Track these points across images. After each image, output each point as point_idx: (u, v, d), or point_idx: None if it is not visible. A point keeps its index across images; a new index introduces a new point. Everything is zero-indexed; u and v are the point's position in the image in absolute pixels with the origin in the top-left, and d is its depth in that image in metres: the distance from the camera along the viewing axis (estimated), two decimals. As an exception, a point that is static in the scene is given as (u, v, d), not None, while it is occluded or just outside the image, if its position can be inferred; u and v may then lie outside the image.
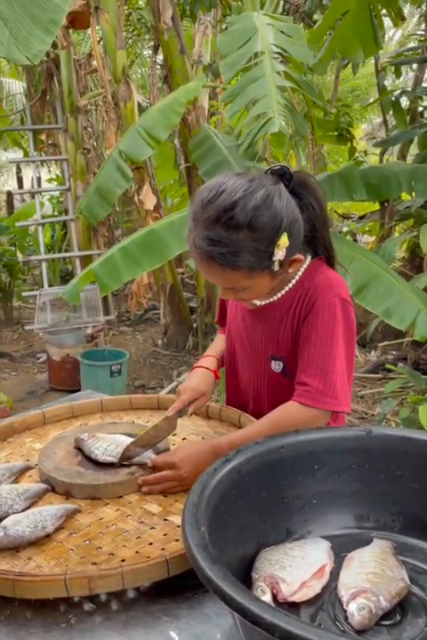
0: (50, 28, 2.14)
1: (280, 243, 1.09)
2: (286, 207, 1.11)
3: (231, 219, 1.06)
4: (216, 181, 1.12)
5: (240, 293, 1.19)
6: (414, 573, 0.89)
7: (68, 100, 5.02)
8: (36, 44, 2.10)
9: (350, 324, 1.20)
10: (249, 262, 1.09)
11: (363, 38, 2.70)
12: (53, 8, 2.15)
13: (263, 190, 1.09)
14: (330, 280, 1.21)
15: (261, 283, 1.16)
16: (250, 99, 2.69)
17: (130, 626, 0.83)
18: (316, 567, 0.88)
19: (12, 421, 1.39)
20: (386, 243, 3.42)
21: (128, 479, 1.14)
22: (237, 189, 1.08)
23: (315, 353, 1.18)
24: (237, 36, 3.04)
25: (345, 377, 1.19)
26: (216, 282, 1.19)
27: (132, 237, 3.03)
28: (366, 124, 11.90)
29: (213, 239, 1.07)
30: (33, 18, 2.10)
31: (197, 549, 0.72)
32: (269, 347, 1.29)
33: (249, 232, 1.07)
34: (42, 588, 0.85)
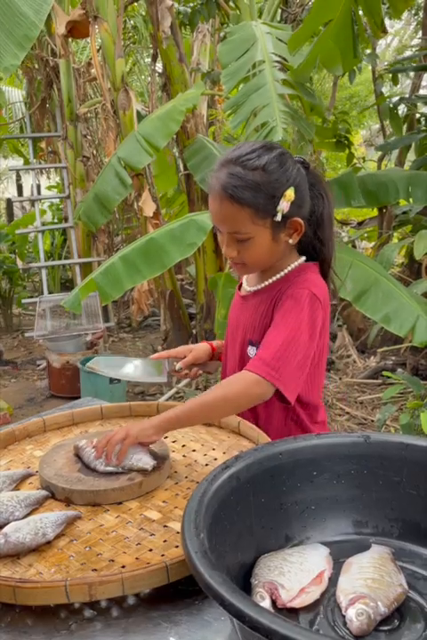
0: (23, 44, 2.21)
1: (287, 193, 1.20)
2: (298, 172, 1.25)
3: (249, 159, 1.21)
4: (239, 143, 1.30)
5: (243, 248, 1.25)
6: (412, 579, 0.90)
7: (68, 108, 5.05)
8: (9, 58, 2.16)
9: (313, 319, 1.23)
10: (256, 201, 1.19)
11: (343, 51, 2.72)
12: (28, 25, 2.21)
13: (280, 150, 1.25)
14: (307, 278, 1.27)
15: (262, 238, 1.23)
16: (253, 108, 2.72)
17: (130, 632, 0.84)
18: (314, 573, 0.88)
19: (12, 429, 1.40)
20: (384, 249, 3.44)
21: (128, 485, 1.14)
22: (257, 144, 1.25)
23: (273, 332, 1.23)
24: (237, 45, 3.07)
25: (297, 364, 1.21)
26: (225, 225, 1.25)
27: (132, 246, 3.05)
28: (365, 130, 11.96)
29: (231, 173, 1.20)
30: (7, 33, 2.16)
31: (197, 556, 0.73)
32: (249, 332, 1.35)
33: (263, 173, 1.20)
34: (43, 595, 0.85)
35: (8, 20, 2.16)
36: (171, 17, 4.23)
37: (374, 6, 2.75)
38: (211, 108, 6.02)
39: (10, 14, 2.17)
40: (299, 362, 1.21)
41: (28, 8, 2.21)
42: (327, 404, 3.94)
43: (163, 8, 4.19)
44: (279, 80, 2.79)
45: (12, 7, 2.18)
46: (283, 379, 1.19)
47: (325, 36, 2.80)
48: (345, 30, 2.79)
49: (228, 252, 1.27)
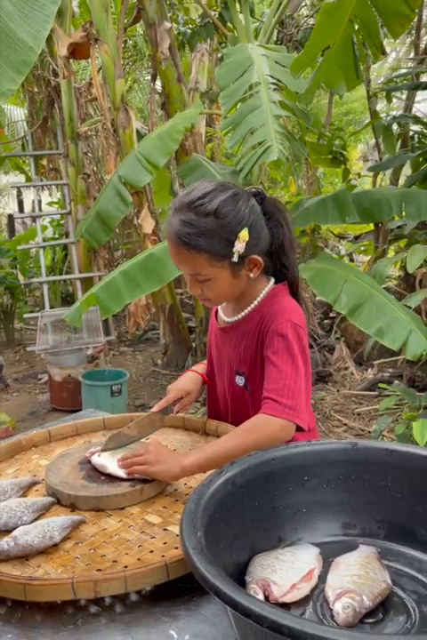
0: (21, 69, 2.28)
1: (241, 235, 1.24)
2: (251, 211, 1.27)
3: (201, 205, 1.23)
4: (192, 184, 1.31)
5: (205, 287, 1.30)
6: (396, 576, 0.96)
7: (69, 126, 5.15)
8: (6, 83, 2.24)
9: (302, 345, 1.30)
10: (211, 246, 1.23)
11: (346, 72, 2.82)
12: (26, 50, 2.28)
13: (233, 191, 1.27)
14: (283, 307, 1.32)
15: (222, 277, 1.28)
16: (249, 128, 2.81)
17: (133, 626, 0.90)
18: (305, 571, 0.95)
19: (19, 439, 1.47)
20: (378, 264, 3.52)
21: (130, 491, 1.21)
22: (208, 186, 1.27)
23: (274, 372, 1.28)
24: (234, 67, 3.17)
25: (304, 393, 1.27)
26: (184, 267, 1.30)
27: (132, 261, 3.13)
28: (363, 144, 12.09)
29: (184, 220, 1.24)
30: (5, 59, 2.23)
31: (194, 552, 0.79)
32: (234, 362, 1.41)
33: (215, 219, 1.23)
34: (51, 592, 0.91)
35: (6, 46, 2.24)
36: (169, 39, 4.34)
37: (372, 30, 2.85)
38: (209, 125, 6.13)
39: (8, 41, 2.25)
40: (304, 391, 1.29)
41: (26, 34, 2.29)
42: (325, 415, 4.00)
43: (162, 30, 4.30)
44: (275, 101, 2.88)
45: (10, 34, 2.26)
46: (299, 414, 1.25)
47: (327, 59, 2.90)
48: (346, 53, 2.89)
49: (191, 291, 1.34)
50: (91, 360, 4.63)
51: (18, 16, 2.31)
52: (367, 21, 2.82)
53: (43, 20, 2.38)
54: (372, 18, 2.79)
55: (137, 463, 1.22)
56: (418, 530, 1.03)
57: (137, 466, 1.22)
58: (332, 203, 3.30)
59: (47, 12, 2.40)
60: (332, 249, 7.03)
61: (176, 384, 1.52)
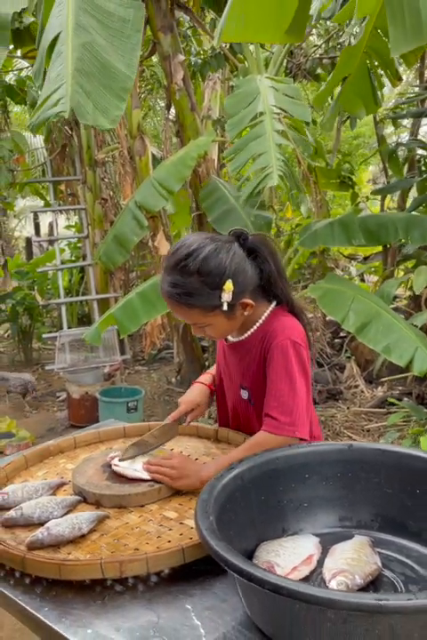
0: (122, 95, 2.47)
1: (225, 287, 1.33)
2: (232, 259, 1.35)
3: (185, 266, 1.33)
4: (181, 239, 1.41)
5: (206, 330, 1.42)
6: (387, 561, 1.08)
7: (87, 154, 5.37)
8: (113, 110, 2.42)
9: (302, 362, 1.40)
10: (201, 302, 1.35)
11: (364, 98, 2.98)
12: (123, 78, 2.49)
13: (213, 245, 1.35)
14: (283, 325, 1.43)
15: (219, 321, 1.39)
16: (251, 155, 2.97)
17: (153, 602, 1.03)
18: (305, 555, 1.07)
19: (47, 445, 1.61)
20: (384, 284, 3.64)
21: (149, 490, 1.34)
22: (192, 244, 1.35)
23: (274, 389, 1.39)
24: (242, 98, 3.35)
25: (303, 407, 1.38)
26: (182, 319, 1.44)
27: (148, 283, 3.28)
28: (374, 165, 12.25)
29: (172, 282, 1.35)
30: (108, 88, 2.43)
31: (207, 532, 0.93)
32: (239, 377, 1.53)
33: (199, 277, 1.33)
34: (82, 571, 1.05)
35: (107, 77, 2.45)
36: (183, 70, 4.54)
37: (387, 59, 3.03)
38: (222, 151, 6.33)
39: (107, 72, 2.46)
40: (304, 405, 1.40)
41: (121, 64, 2.50)
42: (335, 431, 4.09)
43: (175, 63, 4.50)
44: (278, 130, 3.04)
45: (108, 65, 2.48)
46: (299, 427, 1.37)
47: (346, 88, 3.09)
48: (363, 81, 3.08)
49: (195, 334, 1.47)
50: (107, 378, 4.78)
51: (111, 49, 2.52)
52: (382, 52, 3.00)
53: (131, 48, 2.58)
54: (385, 48, 2.97)
55: (162, 473, 1.35)
56: (408, 522, 1.15)
57: (162, 476, 1.35)
58: (339, 226, 3.43)
59: (133, 40, 2.60)
60: (342, 269, 7.16)
61: (186, 397, 1.63)
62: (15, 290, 6.59)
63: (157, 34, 4.48)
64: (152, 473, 1.36)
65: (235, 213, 3.76)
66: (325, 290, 3.44)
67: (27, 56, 5.75)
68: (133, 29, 2.68)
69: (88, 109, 2.40)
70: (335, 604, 0.75)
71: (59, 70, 2.51)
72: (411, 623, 0.78)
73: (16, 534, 1.22)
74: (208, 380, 1.69)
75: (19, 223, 12.47)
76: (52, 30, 2.71)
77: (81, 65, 2.48)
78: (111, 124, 2.47)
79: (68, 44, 2.54)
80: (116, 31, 2.67)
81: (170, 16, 4.46)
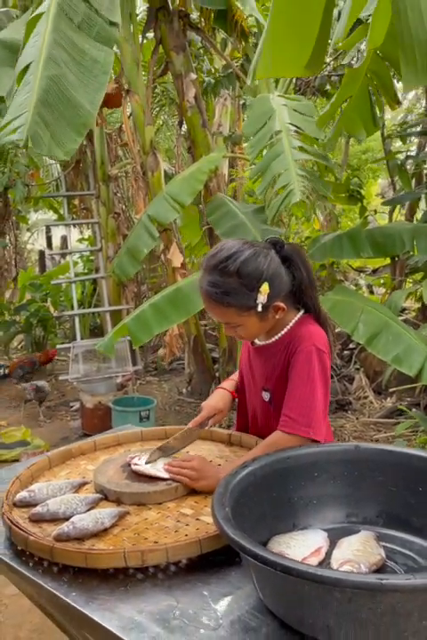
0: (81, 131, 2.62)
1: (262, 289, 1.41)
2: (269, 264, 1.44)
3: (225, 267, 1.42)
4: (221, 243, 1.50)
5: (238, 330, 1.50)
6: (391, 554, 1.16)
7: (101, 169, 5.51)
8: (69, 143, 2.57)
9: (324, 369, 1.48)
10: (237, 302, 1.43)
11: (364, 119, 3.09)
12: (86, 114, 2.63)
13: (252, 249, 1.44)
14: (310, 332, 1.51)
15: (251, 322, 1.47)
16: (274, 174, 3.09)
17: (173, 589, 1.11)
18: (314, 547, 1.15)
19: (69, 447, 1.70)
20: (392, 295, 3.71)
21: (167, 489, 1.42)
22: (232, 247, 1.45)
23: (294, 390, 1.47)
24: (258, 118, 3.47)
25: (320, 411, 1.45)
26: (216, 318, 1.53)
27: (160, 294, 3.38)
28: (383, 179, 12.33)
29: (211, 282, 1.43)
30: (69, 122, 2.58)
31: (223, 521, 1.01)
32: (262, 380, 1.60)
33: (238, 278, 1.41)
34: (107, 560, 1.13)
35: (69, 111, 2.59)
36: (195, 88, 4.67)
37: (386, 83, 3.14)
38: (232, 166, 6.45)
39: (69, 106, 2.60)
40: (321, 409, 1.47)
41: (85, 100, 2.63)
42: (344, 441, 4.14)
43: (187, 81, 4.64)
44: (295, 147, 3.15)
45: (72, 100, 2.61)
46: (315, 430, 1.44)
47: (347, 109, 3.20)
48: (364, 103, 3.19)
49: (227, 333, 1.56)
50: (120, 388, 4.87)
51: (78, 85, 2.67)
52: (382, 75, 3.11)
53: (97, 87, 2.73)
54: (385, 72, 3.08)
55: (182, 475, 1.43)
56: (411, 518, 1.22)
57: (182, 477, 1.43)
58: (347, 239, 3.52)
59: (101, 80, 2.76)
60: (351, 281, 7.22)
61: (209, 402, 1.71)
62: (29, 302, 6.73)
63: (169, 53, 4.62)
64: (173, 474, 1.44)
65: (244, 228, 3.86)
66: (334, 301, 3.52)
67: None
68: (102, 71, 2.82)
69: (45, 140, 2.53)
70: (341, 582, 0.83)
71: (23, 99, 2.65)
72: (410, 602, 0.85)
73: (43, 528, 1.30)
74: (231, 386, 1.76)
75: (31, 236, 12.66)
76: (25, 58, 2.84)
77: (45, 96, 2.61)
78: (65, 155, 2.60)
79: (36, 75, 2.68)
80: (86, 69, 2.81)
81: (182, 36, 4.61)
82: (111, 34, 2.94)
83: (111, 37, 2.94)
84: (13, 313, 6.77)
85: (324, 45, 1.70)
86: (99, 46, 2.85)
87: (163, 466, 1.47)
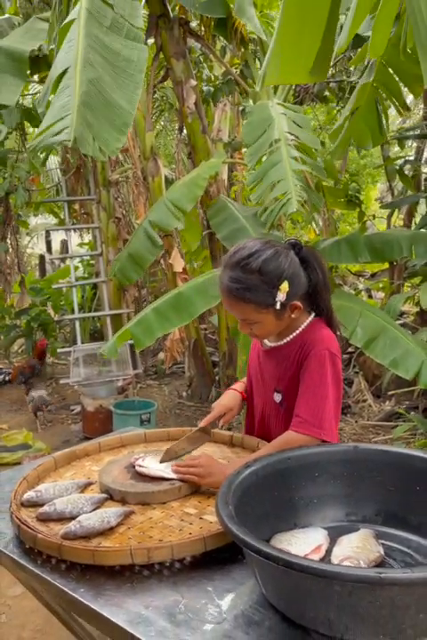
0: (123, 130, 2.68)
1: (281, 287, 1.46)
2: (290, 264, 1.49)
3: (247, 264, 1.46)
4: (243, 241, 1.55)
5: (253, 328, 1.53)
6: (390, 551, 1.19)
7: (102, 174, 5.55)
8: (114, 142, 2.62)
9: (336, 372, 1.52)
10: (257, 298, 1.47)
11: (372, 129, 3.16)
12: (125, 114, 2.70)
13: (273, 249, 1.49)
14: (323, 336, 1.54)
15: (268, 320, 1.51)
16: (271, 182, 3.13)
17: (178, 585, 1.14)
18: (315, 545, 1.18)
19: (74, 449, 1.73)
20: (391, 300, 3.75)
21: (170, 488, 1.46)
22: (254, 246, 1.49)
23: (306, 392, 1.50)
24: (257, 125, 3.52)
25: (332, 413, 1.49)
26: (235, 314, 1.55)
27: (162, 299, 3.41)
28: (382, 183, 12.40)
29: (233, 277, 1.47)
30: (110, 122, 2.63)
31: (227, 518, 1.04)
32: (274, 381, 1.63)
33: (259, 275, 1.45)
34: (114, 557, 1.16)
35: (109, 112, 2.66)
36: (195, 95, 4.72)
37: (395, 91, 3.20)
38: (231, 171, 6.50)
39: (110, 107, 2.67)
40: (332, 411, 1.50)
41: (124, 100, 2.71)
42: (343, 444, 4.18)
43: (188, 87, 4.68)
44: (293, 157, 3.19)
45: (112, 102, 2.69)
46: (325, 431, 1.47)
47: (355, 119, 3.26)
48: (371, 112, 3.26)
49: (242, 330, 1.59)
50: (121, 391, 4.90)
51: (115, 86, 2.74)
52: (389, 85, 3.18)
53: (134, 86, 2.80)
54: (393, 82, 3.15)
55: (190, 473, 1.46)
56: (409, 516, 1.25)
57: (190, 475, 1.46)
58: (345, 244, 3.56)
59: (136, 79, 2.83)
60: (350, 286, 7.27)
61: (220, 401, 1.75)
62: (30, 306, 6.76)
63: (170, 60, 4.67)
64: (181, 474, 1.47)
65: (245, 232, 3.90)
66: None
67: (44, 81, 5.98)
68: (137, 70, 2.89)
69: (89, 141, 2.58)
70: (341, 576, 0.87)
71: (65, 101, 2.69)
72: (408, 596, 0.88)
73: (50, 527, 1.34)
74: (241, 387, 1.80)
75: (31, 240, 12.70)
76: (60, 64, 2.90)
77: (87, 99, 2.67)
78: (111, 154, 2.67)
79: (75, 78, 2.73)
80: (121, 70, 2.88)
81: (182, 43, 4.65)
82: (138, 34, 3.02)
83: (140, 37, 3.02)
84: (14, 317, 6.80)
85: (328, 54, 1.75)
86: (130, 45, 2.93)
87: (171, 467, 1.50)
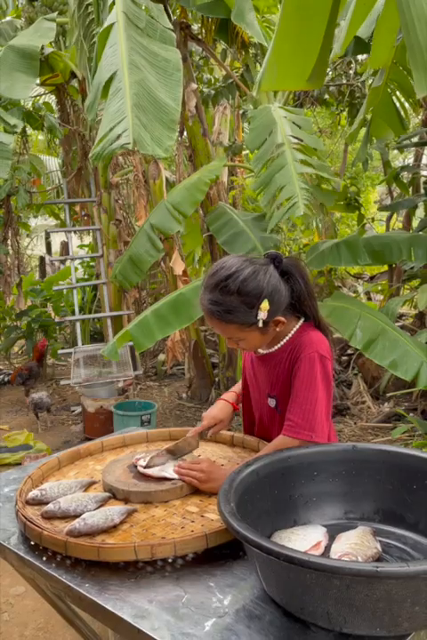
0: (172, 127, 2.72)
1: (262, 306, 1.45)
2: (269, 281, 1.48)
3: (226, 286, 1.46)
4: (221, 260, 1.53)
5: (240, 343, 1.55)
6: (387, 548, 1.22)
7: (103, 177, 5.58)
8: (166, 140, 2.66)
9: (326, 374, 1.53)
10: (239, 319, 1.47)
11: (391, 122, 3.22)
12: (172, 111, 2.75)
13: (252, 267, 1.48)
14: (312, 339, 1.56)
15: (253, 336, 1.52)
16: (277, 187, 3.16)
17: (180, 580, 1.17)
18: (314, 542, 1.21)
19: (78, 448, 1.76)
20: (389, 302, 3.78)
21: (172, 488, 1.48)
22: (232, 266, 1.48)
23: (297, 395, 1.51)
24: (261, 131, 3.56)
25: (324, 415, 1.50)
26: (220, 333, 1.57)
27: (163, 301, 3.45)
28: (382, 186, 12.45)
29: (213, 300, 1.47)
30: (160, 121, 2.68)
31: (229, 514, 1.07)
32: (267, 386, 1.66)
33: (238, 296, 1.45)
34: (118, 553, 1.19)
35: (158, 111, 2.71)
36: (196, 98, 4.76)
37: (408, 89, 3.25)
38: (231, 174, 6.54)
39: (158, 107, 2.73)
40: (323, 412, 1.52)
41: (169, 98, 2.77)
42: (342, 446, 4.21)
43: (189, 91, 4.71)
44: (298, 160, 3.23)
45: (159, 100, 2.75)
46: (317, 433, 1.49)
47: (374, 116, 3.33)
48: (389, 108, 3.31)
49: (230, 346, 1.61)
50: (121, 392, 4.93)
51: (159, 85, 2.80)
52: (402, 83, 3.23)
53: (175, 84, 2.86)
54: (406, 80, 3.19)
55: (192, 476, 1.49)
56: (406, 514, 1.29)
57: (191, 478, 1.48)
58: (345, 247, 3.59)
59: (176, 77, 2.89)
60: (349, 288, 7.31)
61: (210, 412, 1.75)
62: (30, 307, 6.79)
63: (171, 64, 4.70)
64: (182, 475, 1.50)
65: (244, 236, 3.94)
66: (332, 308, 3.59)
67: (45, 84, 6.01)
68: (175, 68, 2.96)
69: (147, 141, 2.63)
70: (340, 570, 0.89)
71: (118, 105, 2.74)
72: (404, 589, 0.91)
73: (54, 525, 1.37)
74: (232, 397, 1.81)
75: (31, 242, 12.72)
76: (107, 68, 2.93)
77: (137, 100, 2.73)
78: (165, 152, 2.69)
79: (125, 80, 2.79)
80: (161, 69, 2.95)
81: (183, 47, 4.68)
82: (171, 35, 3.09)
83: (172, 38, 3.09)
84: (15, 318, 6.83)
85: (325, 61, 1.77)
86: (165, 47, 3.02)
87: (173, 468, 1.53)
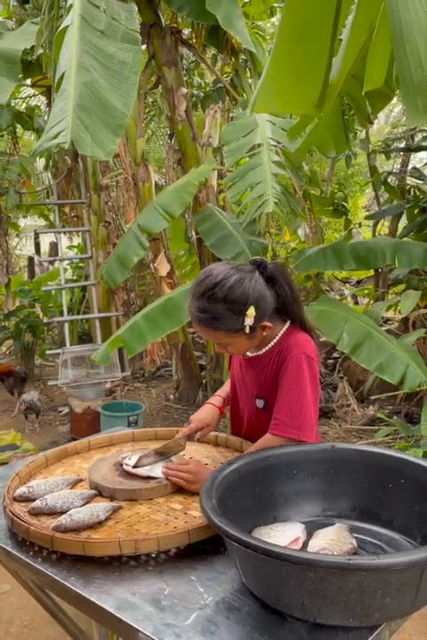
0: (117, 132, 2.72)
1: (248, 313, 1.49)
2: (255, 288, 1.51)
3: (213, 294, 1.49)
4: (208, 268, 1.57)
5: (228, 348, 1.59)
6: (362, 544, 1.27)
7: (93, 179, 5.61)
8: (109, 144, 2.66)
9: (313, 374, 1.58)
10: (226, 325, 1.51)
11: (336, 138, 3.21)
12: (120, 115, 2.74)
13: (238, 275, 1.51)
14: (298, 341, 1.60)
15: (240, 341, 1.56)
16: (249, 184, 3.21)
17: (163, 574, 1.21)
18: (292, 538, 1.26)
19: (65, 447, 1.79)
20: (373, 307, 3.84)
21: (157, 486, 1.52)
22: (219, 274, 1.51)
23: (284, 395, 1.56)
24: (241, 128, 3.61)
25: (311, 414, 1.55)
26: (208, 338, 1.60)
27: (153, 305, 3.48)
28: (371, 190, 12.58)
29: (200, 308, 1.51)
30: (106, 124, 2.68)
31: (210, 510, 1.11)
32: (255, 388, 1.70)
33: (225, 304, 1.49)
34: (103, 548, 1.23)
35: (104, 113, 2.70)
36: (185, 102, 4.80)
37: (359, 102, 3.26)
38: (221, 178, 6.58)
39: (105, 109, 2.72)
40: (310, 411, 1.56)
41: (119, 102, 2.76)
42: (327, 448, 4.26)
43: (179, 95, 4.76)
44: (274, 161, 3.28)
45: (106, 104, 2.74)
46: (304, 432, 1.53)
47: (318, 125, 3.30)
48: (336, 120, 3.30)
49: (218, 350, 1.64)
50: (109, 393, 4.95)
51: (110, 88, 2.79)
52: (355, 95, 3.24)
53: (129, 88, 2.84)
54: (359, 93, 3.21)
55: (179, 477, 1.52)
56: (381, 512, 1.34)
57: (179, 480, 1.52)
58: (331, 252, 3.65)
59: (131, 81, 2.87)
60: (337, 292, 7.39)
61: (197, 415, 1.79)
62: (19, 308, 6.79)
63: (161, 68, 4.75)
64: (170, 476, 1.54)
65: (233, 239, 3.99)
66: (318, 312, 3.65)
67: (35, 85, 6.03)
68: (132, 71, 2.94)
69: (87, 142, 2.63)
70: (313, 562, 0.94)
71: (62, 105, 2.76)
72: (375, 581, 0.96)
73: (41, 521, 1.40)
74: (218, 402, 1.85)
75: (19, 242, 12.68)
76: (59, 70, 2.96)
77: (82, 101, 2.72)
78: (106, 156, 2.70)
79: (70, 82, 2.78)
80: (116, 72, 2.93)
81: (174, 52, 4.74)
82: (134, 36, 3.06)
83: (135, 39, 3.07)
84: (3, 319, 6.82)
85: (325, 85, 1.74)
86: (126, 47, 2.98)
87: (161, 469, 1.56)
